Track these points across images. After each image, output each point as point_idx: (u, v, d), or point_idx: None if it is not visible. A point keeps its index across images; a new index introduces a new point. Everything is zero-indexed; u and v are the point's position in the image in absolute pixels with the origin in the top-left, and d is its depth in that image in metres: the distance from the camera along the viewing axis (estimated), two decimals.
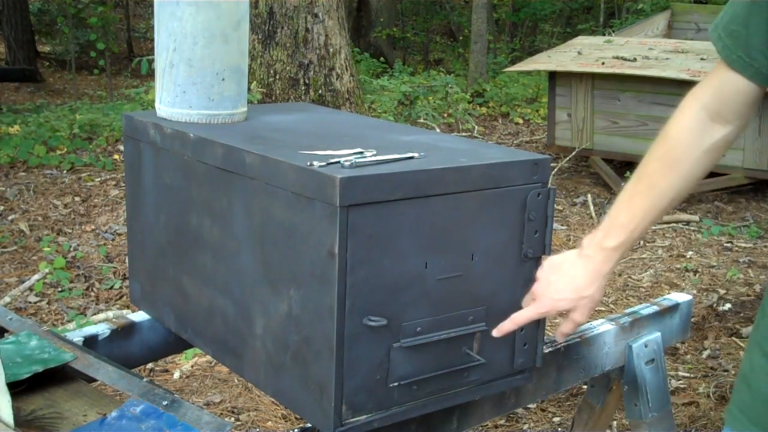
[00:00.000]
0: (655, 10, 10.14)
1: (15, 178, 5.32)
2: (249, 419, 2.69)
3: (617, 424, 2.74)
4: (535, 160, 1.36)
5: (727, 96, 1.15)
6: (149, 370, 3.05)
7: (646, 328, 1.88)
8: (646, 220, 1.22)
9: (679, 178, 1.19)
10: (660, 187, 1.20)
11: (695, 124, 1.18)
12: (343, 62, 6.09)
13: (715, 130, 1.17)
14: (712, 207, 5.38)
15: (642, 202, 1.22)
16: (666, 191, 1.20)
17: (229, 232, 1.40)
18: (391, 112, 6.90)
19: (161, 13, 1.55)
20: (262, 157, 1.30)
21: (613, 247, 1.25)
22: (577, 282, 1.28)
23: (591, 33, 11.45)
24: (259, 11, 5.88)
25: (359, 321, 1.21)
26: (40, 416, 1.20)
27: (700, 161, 1.19)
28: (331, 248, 1.17)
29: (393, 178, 1.21)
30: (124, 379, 1.28)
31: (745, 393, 1.12)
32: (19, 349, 1.36)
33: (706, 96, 1.17)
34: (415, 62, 13.62)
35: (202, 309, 1.51)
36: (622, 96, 5.59)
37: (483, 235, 1.33)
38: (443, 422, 1.48)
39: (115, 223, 4.55)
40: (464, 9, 15.58)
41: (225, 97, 1.57)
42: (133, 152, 1.66)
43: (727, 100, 1.15)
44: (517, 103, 9.12)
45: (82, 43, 11.78)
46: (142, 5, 16.44)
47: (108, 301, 3.71)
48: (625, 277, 4.18)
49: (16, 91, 10.49)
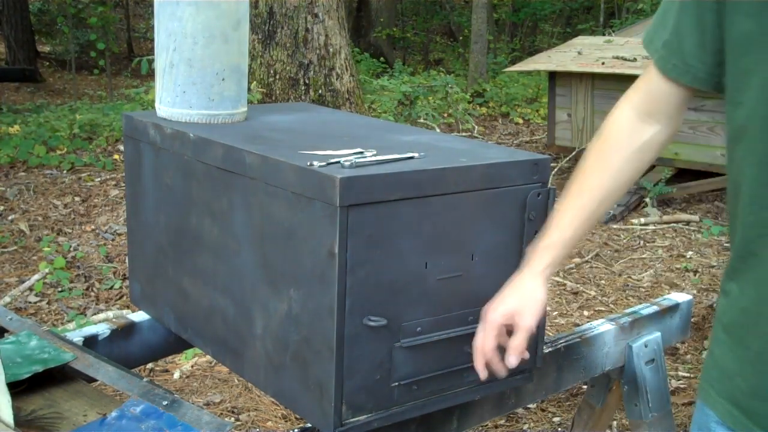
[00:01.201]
0: (655, 10, 10.14)
1: (15, 178, 5.32)
2: (249, 419, 2.69)
3: (617, 424, 2.74)
4: (535, 160, 1.36)
5: (657, 98, 1.19)
6: (149, 370, 3.05)
7: (646, 328, 1.88)
8: (577, 219, 1.24)
9: (609, 176, 1.23)
10: (589, 185, 1.24)
11: (625, 124, 1.22)
12: (343, 62, 6.09)
13: (645, 130, 1.21)
14: (712, 207, 5.38)
15: (573, 200, 1.25)
16: (595, 189, 1.23)
17: (229, 232, 1.40)
18: (391, 112, 6.90)
19: (161, 13, 1.55)
20: (262, 157, 1.30)
21: (544, 245, 1.26)
22: (515, 286, 1.27)
23: (591, 33, 11.45)
24: (259, 11, 5.88)
25: (359, 321, 1.21)
26: (40, 416, 1.20)
27: (630, 160, 1.22)
28: (331, 248, 1.17)
29: (393, 178, 1.21)
30: (124, 379, 1.28)
31: (712, 368, 1.15)
32: (19, 349, 1.36)
33: (636, 97, 1.22)
34: (415, 62, 13.62)
35: (202, 309, 1.51)
36: (622, 96, 5.59)
37: (483, 235, 1.33)
38: (443, 422, 1.48)
39: (115, 223, 4.55)
40: (464, 9, 15.59)
41: (225, 97, 1.57)
42: (133, 152, 1.66)
43: (656, 102, 1.19)
44: (517, 103, 9.12)
45: (82, 43, 11.79)
46: (142, 5, 16.44)
47: (108, 301, 3.71)
48: (625, 277, 4.18)
49: (16, 91, 10.49)
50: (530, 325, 1.24)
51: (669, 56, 1.14)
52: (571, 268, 4.30)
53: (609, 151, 1.23)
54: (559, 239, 1.25)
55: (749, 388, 1.07)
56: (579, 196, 1.25)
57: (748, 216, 1.05)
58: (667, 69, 1.15)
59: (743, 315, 1.08)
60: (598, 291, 3.97)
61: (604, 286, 4.05)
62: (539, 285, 1.26)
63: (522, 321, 1.24)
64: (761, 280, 1.04)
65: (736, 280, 1.09)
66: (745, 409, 1.07)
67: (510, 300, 1.26)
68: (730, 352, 1.10)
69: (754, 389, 1.06)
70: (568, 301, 3.85)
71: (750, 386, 1.07)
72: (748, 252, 1.06)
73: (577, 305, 3.80)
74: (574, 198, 1.25)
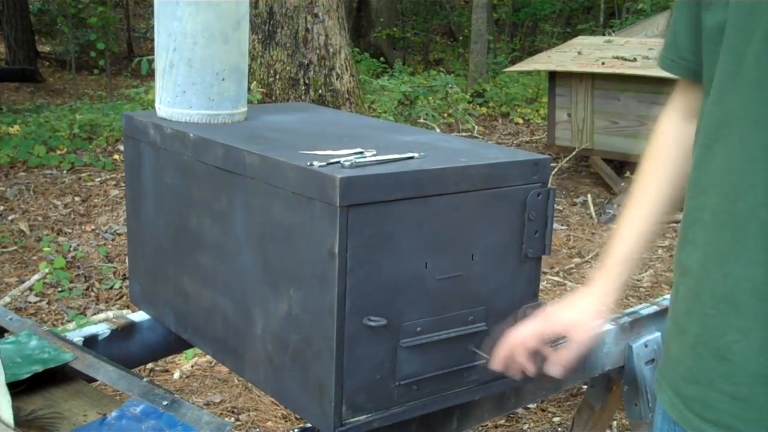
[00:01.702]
0: (655, 10, 10.16)
1: (15, 178, 5.32)
2: (249, 419, 2.69)
3: (617, 424, 2.74)
4: (535, 160, 1.36)
5: (691, 97, 1.19)
6: (149, 370, 3.05)
7: (646, 328, 1.88)
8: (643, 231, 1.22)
9: (666, 184, 1.21)
10: (649, 196, 1.22)
11: (671, 126, 1.23)
12: (343, 62, 6.09)
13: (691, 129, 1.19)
14: None
15: (636, 212, 1.23)
16: (656, 199, 1.22)
17: (229, 232, 1.40)
18: (391, 112, 6.90)
19: (161, 13, 1.55)
20: (262, 157, 1.30)
21: (612, 263, 1.23)
22: (576, 300, 1.26)
23: (591, 33, 11.46)
24: (259, 11, 5.88)
25: (359, 321, 1.21)
26: (40, 416, 1.20)
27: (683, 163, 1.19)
28: (331, 248, 1.17)
29: (393, 178, 1.21)
30: (124, 379, 1.28)
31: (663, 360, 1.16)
32: (19, 349, 1.36)
33: (676, 99, 1.23)
34: (415, 62, 13.62)
35: (202, 309, 1.51)
36: (622, 96, 5.59)
37: (483, 235, 1.33)
38: (443, 422, 1.48)
39: (115, 223, 4.55)
40: (464, 9, 15.59)
41: (225, 97, 1.57)
42: (133, 152, 1.66)
43: (693, 101, 1.18)
44: (517, 103, 9.12)
45: (82, 43, 11.79)
46: (142, 5, 16.44)
47: (108, 301, 3.71)
48: None
49: (16, 91, 10.49)
50: (585, 341, 1.24)
51: (666, 52, 1.18)
52: (571, 268, 4.30)
53: (660, 157, 1.23)
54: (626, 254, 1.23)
55: (688, 373, 1.07)
56: (640, 206, 1.23)
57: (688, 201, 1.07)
58: (666, 64, 1.18)
59: (684, 302, 1.09)
60: None
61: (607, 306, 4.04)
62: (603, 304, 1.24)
63: (578, 335, 1.24)
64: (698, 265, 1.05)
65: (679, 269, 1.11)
66: (684, 396, 1.07)
67: (570, 313, 1.25)
68: (674, 340, 1.11)
69: (693, 374, 1.06)
70: None
71: (689, 370, 1.07)
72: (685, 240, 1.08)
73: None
74: (635, 209, 1.23)
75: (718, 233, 1.01)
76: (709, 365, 1.03)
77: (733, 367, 1.01)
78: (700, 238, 1.04)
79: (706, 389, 1.04)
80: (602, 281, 1.24)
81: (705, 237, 1.03)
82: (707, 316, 1.03)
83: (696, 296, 1.05)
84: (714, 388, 1.03)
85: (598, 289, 1.24)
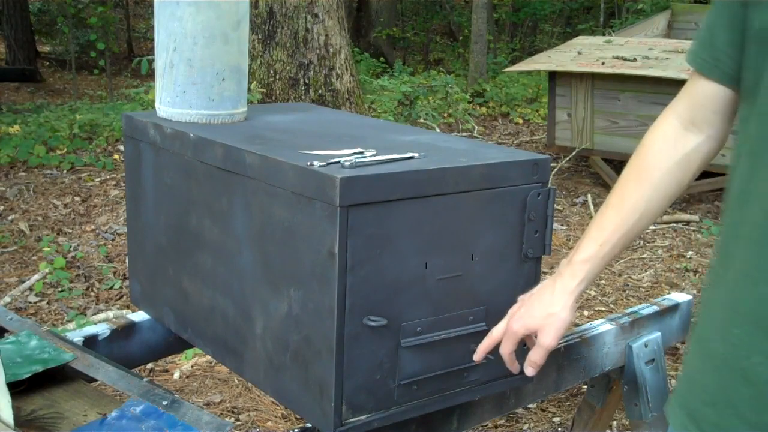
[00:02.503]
0: (655, 10, 10.15)
1: (15, 178, 5.32)
2: (249, 419, 2.69)
3: (617, 424, 2.74)
4: (535, 160, 1.36)
5: (699, 102, 1.14)
6: (149, 370, 3.05)
7: (646, 328, 1.88)
8: (616, 234, 1.19)
9: (650, 189, 1.17)
10: (631, 199, 1.18)
11: (669, 132, 1.17)
12: (343, 62, 6.09)
13: (687, 139, 1.16)
14: (712, 207, 5.38)
15: (612, 214, 1.19)
16: (636, 203, 1.17)
17: (229, 232, 1.40)
18: (391, 112, 6.90)
19: (161, 13, 1.55)
20: (262, 157, 1.30)
21: (581, 260, 1.21)
22: (544, 299, 1.24)
23: (591, 33, 11.45)
24: (259, 11, 5.88)
25: (359, 321, 1.21)
26: (40, 416, 1.20)
27: (672, 172, 1.16)
28: (331, 248, 1.17)
29: (393, 178, 1.21)
30: (124, 379, 1.28)
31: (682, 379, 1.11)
32: (19, 349, 1.36)
33: (680, 105, 1.17)
34: (415, 62, 13.62)
35: (202, 309, 1.51)
36: (622, 96, 5.59)
37: (483, 235, 1.33)
38: (443, 422, 1.48)
39: (115, 223, 4.55)
40: (464, 9, 15.58)
41: (225, 97, 1.57)
42: (133, 152, 1.66)
43: (699, 107, 1.14)
44: (517, 103, 9.12)
45: (82, 43, 11.79)
46: (142, 5, 16.44)
47: (108, 301, 3.71)
48: (625, 277, 4.18)
49: (16, 91, 10.49)
50: (551, 345, 1.23)
51: (699, 50, 1.11)
52: None
53: (650, 163, 1.17)
54: (595, 254, 1.20)
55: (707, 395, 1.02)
56: (618, 208, 1.19)
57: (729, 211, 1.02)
58: (697, 63, 1.12)
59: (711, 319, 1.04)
60: (598, 291, 3.97)
61: (604, 286, 4.05)
62: (568, 306, 1.23)
63: (544, 339, 1.23)
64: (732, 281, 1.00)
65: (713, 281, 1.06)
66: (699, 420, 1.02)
67: (536, 314, 1.24)
68: (695, 359, 1.07)
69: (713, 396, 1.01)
70: None
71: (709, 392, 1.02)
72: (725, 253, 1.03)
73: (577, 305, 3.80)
74: (612, 210, 1.19)
75: (757, 250, 0.96)
76: (733, 387, 0.98)
77: (757, 391, 0.95)
78: (739, 252, 0.99)
79: (726, 413, 0.99)
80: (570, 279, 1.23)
81: (744, 252, 0.98)
82: (732, 335, 0.98)
83: (724, 312, 1.01)
84: (736, 413, 0.97)
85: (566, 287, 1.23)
